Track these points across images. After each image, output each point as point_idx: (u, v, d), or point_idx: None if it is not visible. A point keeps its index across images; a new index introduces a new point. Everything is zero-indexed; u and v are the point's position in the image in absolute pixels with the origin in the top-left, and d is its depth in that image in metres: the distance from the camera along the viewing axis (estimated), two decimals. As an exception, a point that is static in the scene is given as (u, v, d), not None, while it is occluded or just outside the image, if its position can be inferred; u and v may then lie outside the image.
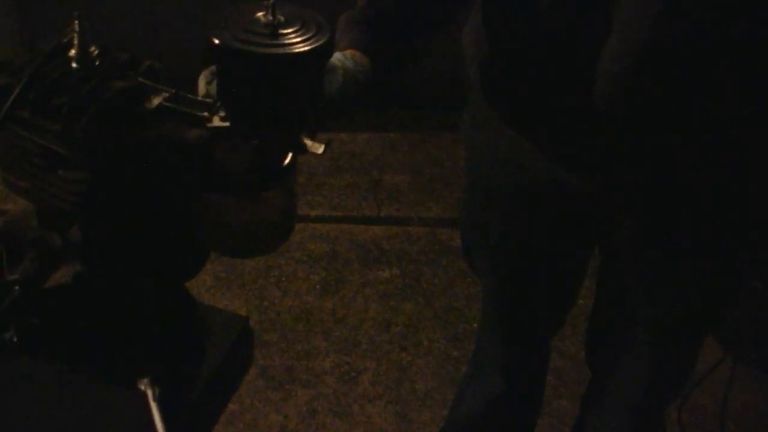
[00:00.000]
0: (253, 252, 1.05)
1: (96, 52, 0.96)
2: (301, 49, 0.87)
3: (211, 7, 0.97)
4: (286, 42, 0.87)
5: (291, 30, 0.89)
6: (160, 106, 0.94)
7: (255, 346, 2.67)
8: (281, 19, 0.89)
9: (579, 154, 1.34)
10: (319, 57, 0.90)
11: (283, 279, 2.87)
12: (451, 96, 1.62)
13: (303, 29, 0.89)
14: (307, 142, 0.93)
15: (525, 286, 1.68)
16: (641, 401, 1.76)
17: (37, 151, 0.94)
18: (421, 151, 3.48)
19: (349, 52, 1.15)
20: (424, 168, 3.41)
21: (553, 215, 1.50)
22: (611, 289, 1.67)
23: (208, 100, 0.93)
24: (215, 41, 0.87)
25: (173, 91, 0.94)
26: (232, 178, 0.94)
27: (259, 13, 0.89)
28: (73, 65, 0.95)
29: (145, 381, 1.03)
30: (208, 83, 0.96)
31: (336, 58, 1.10)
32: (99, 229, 0.99)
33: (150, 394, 1.02)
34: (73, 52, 0.95)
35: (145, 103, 0.94)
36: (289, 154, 0.95)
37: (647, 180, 1.33)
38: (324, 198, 3.21)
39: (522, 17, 1.24)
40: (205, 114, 0.93)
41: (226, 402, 1.16)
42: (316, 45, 0.88)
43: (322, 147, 0.93)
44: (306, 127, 0.94)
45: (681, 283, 1.49)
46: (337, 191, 3.25)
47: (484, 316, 1.87)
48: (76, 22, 0.94)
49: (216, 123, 0.92)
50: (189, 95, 0.95)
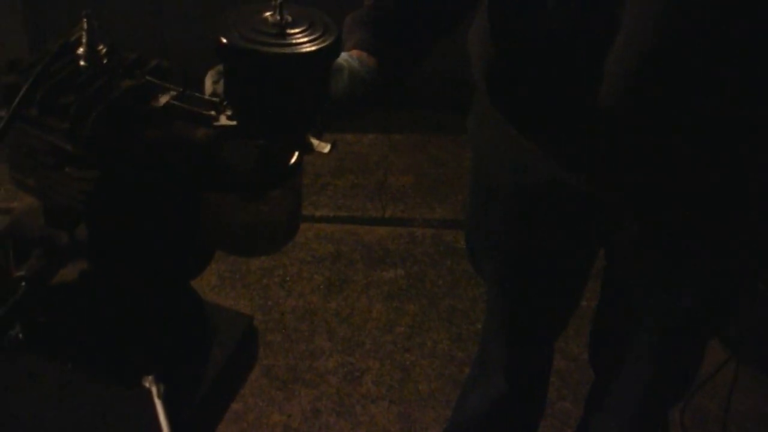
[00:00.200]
0: (259, 251, 1.06)
1: (104, 51, 0.97)
2: (309, 49, 0.87)
3: (215, 7, 0.98)
4: (293, 42, 0.87)
5: (298, 30, 0.89)
6: (167, 104, 0.94)
7: (259, 345, 2.67)
8: (288, 19, 0.89)
9: (581, 155, 1.34)
10: (326, 57, 0.90)
11: (288, 279, 2.88)
12: (456, 98, 1.62)
13: (310, 29, 0.89)
14: (314, 142, 0.94)
15: (528, 288, 1.68)
16: (644, 403, 1.77)
17: (45, 148, 0.94)
18: (426, 152, 3.49)
19: (355, 53, 1.15)
20: (429, 169, 3.41)
21: (555, 216, 1.50)
22: (615, 291, 1.68)
23: (215, 99, 0.94)
24: (223, 41, 0.87)
25: (180, 89, 0.95)
26: (238, 177, 0.95)
27: (266, 13, 0.90)
28: (81, 64, 0.96)
29: (150, 379, 1.04)
30: (215, 82, 0.97)
31: (342, 58, 1.11)
32: (105, 227, 0.99)
33: (154, 391, 1.03)
34: (80, 51, 0.96)
35: (153, 102, 0.94)
36: (296, 154, 0.95)
37: (649, 181, 1.33)
38: (329, 198, 3.21)
39: (527, 17, 1.24)
40: (212, 113, 0.93)
41: (230, 400, 1.16)
42: (323, 45, 0.88)
43: (328, 146, 0.93)
44: (312, 127, 0.95)
45: (684, 285, 1.49)
46: (341, 192, 3.25)
47: (489, 318, 1.88)
48: (85, 21, 0.95)
49: (223, 122, 0.92)
50: (196, 94, 0.95)
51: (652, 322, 1.58)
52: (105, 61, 0.96)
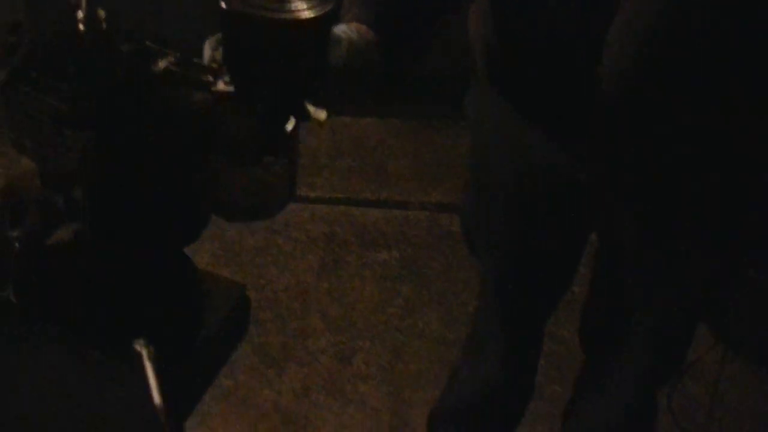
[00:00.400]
0: (253, 217, 1.06)
1: (103, 15, 0.97)
2: (307, 15, 0.88)
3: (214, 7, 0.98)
4: (291, 8, 0.88)
5: (297, -4, 0.90)
6: (166, 69, 0.95)
7: (251, 323, 2.67)
8: (288, -15, 0.90)
9: (579, 142, 1.34)
10: (324, 23, 0.91)
11: (281, 258, 2.88)
12: (455, 83, 1.62)
13: (309, -4, 0.90)
14: (310, 109, 0.94)
15: (522, 270, 1.69)
16: (634, 384, 1.78)
17: (44, 110, 0.95)
18: (424, 136, 3.48)
19: (354, 26, 1.15)
20: (426, 153, 3.41)
21: (551, 201, 1.51)
22: (607, 275, 1.68)
23: (214, 65, 0.94)
24: (223, 5, 0.88)
25: (179, 55, 0.96)
26: (236, 142, 0.95)
27: (266, -20, 0.90)
28: (81, 27, 0.96)
29: (141, 342, 1.04)
30: (214, 50, 0.97)
31: (341, 29, 1.11)
32: (101, 190, 1.00)
33: (145, 354, 1.03)
34: (80, 15, 0.96)
35: (152, 67, 0.95)
36: (293, 121, 0.96)
37: (646, 169, 1.34)
38: (325, 180, 3.21)
39: (527, -1, 1.25)
40: (210, 79, 0.94)
41: (221, 366, 1.17)
42: (321, 12, 0.89)
43: (324, 113, 0.94)
44: (310, 95, 0.95)
45: (678, 271, 1.50)
46: (338, 174, 3.25)
47: (481, 299, 1.89)
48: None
49: (221, 88, 0.93)
50: (195, 60, 0.96)
51: (643, 306, 1.59)
52: (104, 26, 0.97)
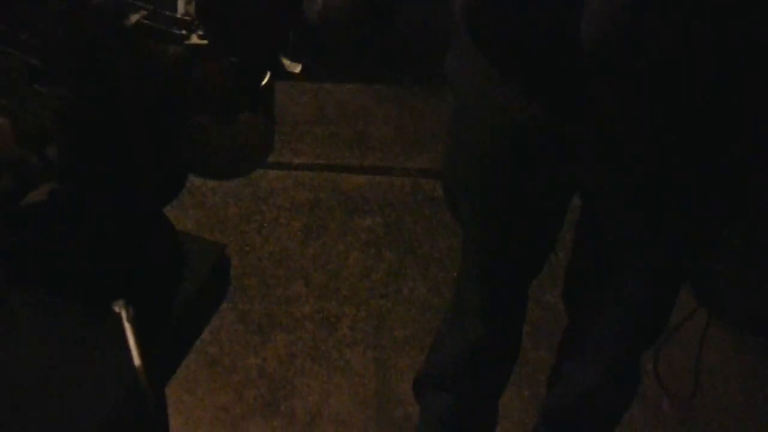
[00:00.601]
0: (229, 174, 1.05)
1: (75, -31, 0.95)
2: (281, -35, 0.86)
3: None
4: (266, -42, 0.87)
5: (271, -53, 0.88)
6: (138, 23, 0.93)
7: (235, 290, 2.66)
8: (262, -65, 0.88)
9: (561, 99, 1.33)
10: (299, -26, 0.89)
11: (265, 225, 2.87)
12: (439, 50, 1.61)
13: (283, -53, 0.88)
14: (285, 62, 0.93)
15: (503, 229, 1.68)
16: (618, 347, 1.78)
17: (15, 65, 0.93)
18: (407, 103, 3.46)
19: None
20: (409, 120, 3.39)
21: (533, 159, 1.50)
22: (590, 237, 1.68)
23: (187, 18, 0.93)
24: (195, -44, 0.86)
25: (151, 8, 0.94)
26: (210, 96, 0.94)
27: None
28: (52, -20, 0.94)
29: (120, 303, 1.03)
30: (187, 3, 0.96)
31: (317, -18, 1.10)
32: (76, 147, 0.99)
33: (124, 315, 1.03)
34: (51, -32, 0.94)
35: (124, 20, 0.93)
36: (268, 75, 0.95)
37: (627, 128, 1.33)
38: (308, 146, 3.19)
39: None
40: (183, 32, 0.92)
41: (202, 327, 1.16)
42: (296, -38, 0.87)
43: (299, 66, 0.93)
44: (285, 48, 0.94)
45: (660, 231, 1.50)
46: (321, 140, 3.23)
47: (465, 261, 1.88)
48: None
49: (194, 41, 0.92)
50: (167, 13, 0.94)
51: (626, 268, 1.59)
52: (75, -21, 0.95)
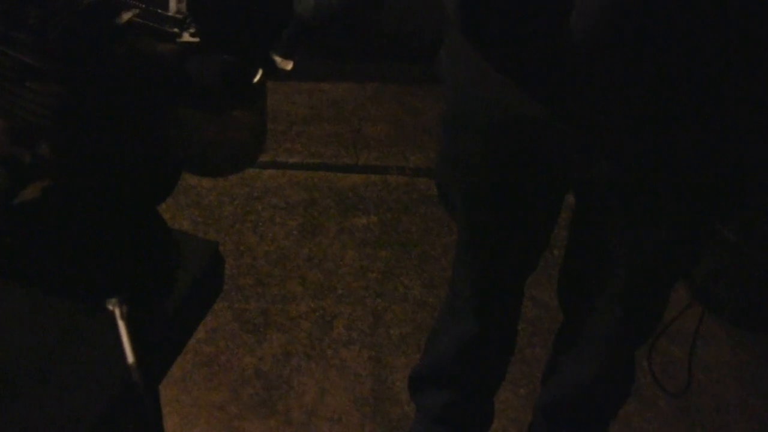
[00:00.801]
0: (222, 170, 1.06)
1: (67, -33, 0.96)
2: (272, -38, 0.87)
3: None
4: (256, -45, 0.87)
5: (262, -56, 0.88)
6: (130, 21, 0.93)
7: (230, 289, 2.66)
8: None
9: (554, 90, 1.33)
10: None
11: (260, 224, 2.87)
12: (434, 48, 1.61)
13: (275, -56, 0.89)
14: (276, 59, 0.93)
15: (498, 225, 1.69)
16: (613, 343, 1.78)
17: (8, 63, 0.94)
18: (402, 102, 3.47)
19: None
20: (404, 118, 3.40)
21: (527, 153, 1.50)
22: (585, 231, 1.68)
23: (179, 16, 0.93)
24: (186, -47, 0.87)
25: (143, 6, 0.94)
26: (203, 93, 0.94)
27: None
28: (42, -21, 0.94)
29: (114, 300, 1.04)
30: (179, 1, 0.96)
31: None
32: (69, 145, 0.99)
33: (118, 313, 1.03)
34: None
35: (115, 18, 0.94)
36: (259, 72, 0.95)
37: (621, 122, 1.33)
38: (303, 146, 3.20)
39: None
40: (175, 30, 0.92)
41: (196, 325, 1.16)
42: (286, -42, 0.88)
43: (290, 63, 0.93)
44: (276, 44, 0.94)
45: (654, 227, 1.50)
46: (316, 139, 3.24)
47: (459, 258, 1.88)
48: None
49: (186, 39, 0.92)
50: (159, 11, 0.94)
51: (621, 261, 1.59)
52: (67, -23, 0.95)
